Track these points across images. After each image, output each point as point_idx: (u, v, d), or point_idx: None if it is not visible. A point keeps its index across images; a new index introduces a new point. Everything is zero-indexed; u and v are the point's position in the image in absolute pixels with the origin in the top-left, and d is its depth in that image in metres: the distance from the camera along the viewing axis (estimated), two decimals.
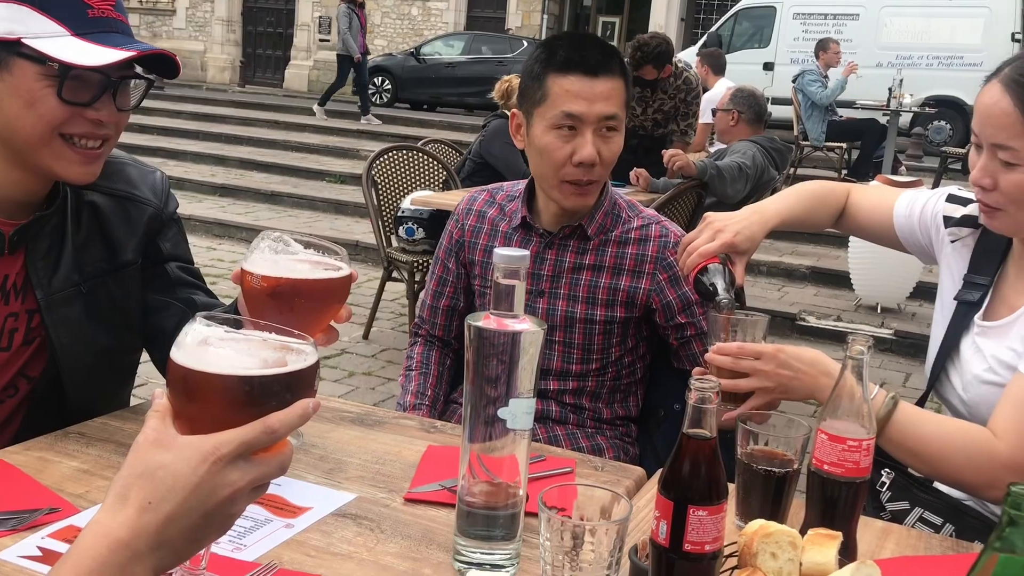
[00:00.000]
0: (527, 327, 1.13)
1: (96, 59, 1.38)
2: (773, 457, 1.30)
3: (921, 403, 1.81)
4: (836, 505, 1.23)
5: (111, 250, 1.62)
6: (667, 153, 4.93)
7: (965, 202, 1.76)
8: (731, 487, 1.25)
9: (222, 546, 1.21)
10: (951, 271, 1.76)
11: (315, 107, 15.00)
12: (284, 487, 1.39)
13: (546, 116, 1.86)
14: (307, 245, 1.35)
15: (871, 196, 1.93)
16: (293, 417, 0.85)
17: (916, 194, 1.87)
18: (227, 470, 0.82)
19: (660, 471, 1.06)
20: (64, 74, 1.39)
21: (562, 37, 1.94)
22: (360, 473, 1.46)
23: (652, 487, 1.44)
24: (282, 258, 1.31)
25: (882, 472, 1.68)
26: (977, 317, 1.67)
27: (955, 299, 1.72)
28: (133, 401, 1.78)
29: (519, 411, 1.14)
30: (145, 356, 1.75)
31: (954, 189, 1.83)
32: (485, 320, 1.13)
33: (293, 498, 1.36)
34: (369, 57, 15.63)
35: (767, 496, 1.30)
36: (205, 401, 0.86)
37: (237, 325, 0.91)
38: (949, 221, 1.76)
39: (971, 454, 1.44)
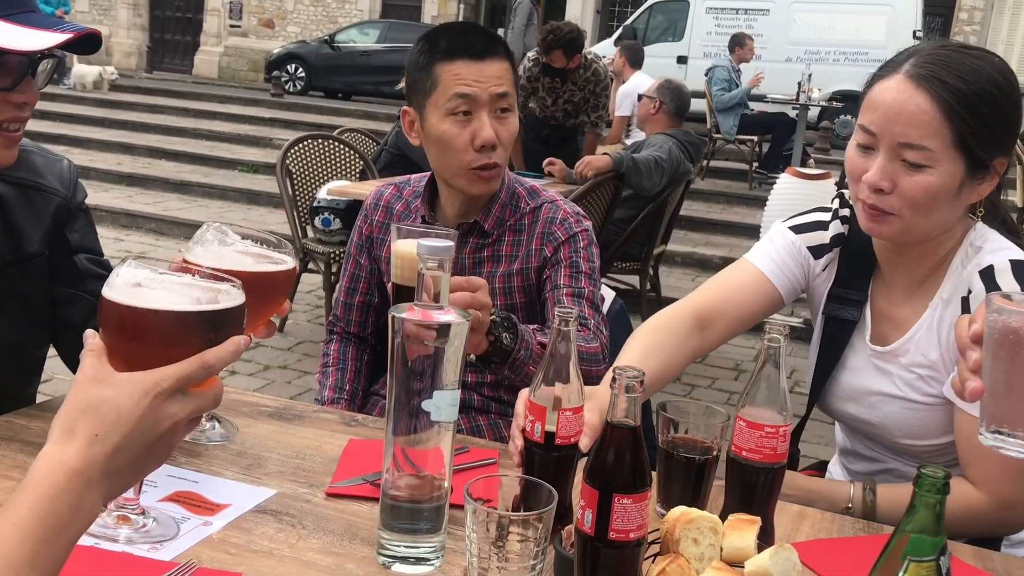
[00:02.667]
0: (452, 318, 1.12)
1: (32, 43, 1.32)
2: (693, 444, 1.33)
3: (805, 417, 1.83)
4: (754, 490, 1.25)
5: (15, 241, 1.56)
6: (578, 170, 4.96)
7: (824, 225, 1.72)
8: (652, 475, 1.27)
9: (138, 546, 1.18)
10: (821, 292, 1.73)
11: None
12: (201, 484, 1.35)
13: (439, 104, 1.85)
14: (244, 236, 1.32)
15: (717, 285, 1.76)
16: (227, 352, 0.91)
17: (760, 248, 1.77)
18: (167, 403, 0.87)
19: (584, 460, 1.06)
20: None
21: (442, 28, 1.94)
22: (280, 468, 1.44)
23: (575, 476, 1.45)
24: (228, 251, 1.29)
25: None
26: (868, 340, 1.64)
27: (823, 314, 1.71)
28: (39, 398, 1.72)
29: (443, 403, 1.13)
30: (52, 351, 1.69)
31: (789, 222, 1.76)
32: (410, 312, 1.12)
33: (211, 495, 1.33)
34: (281, 44, 15.37)
35: (688, 483, 1.32)
36: (141, 339, 0.90)
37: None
38: (821, 250, 1.71)
39: (959, 514, 1.40)
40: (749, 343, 5.84)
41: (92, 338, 0.91)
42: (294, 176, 5.23)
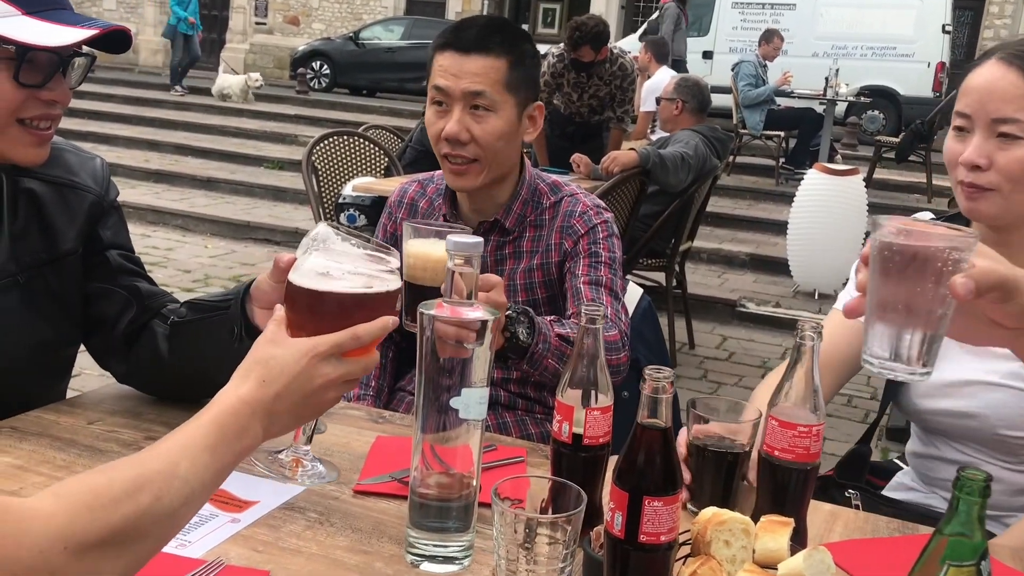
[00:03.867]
0: (482, 315, 1.11)
1: (56, 39, 1.32)
2: (723, 439, 1.31)
3: (878, 420, 1.84)
4: (787, 491, 1.23)
5: (50, 239, 1.56)
6: (603, 165, 4.93)
7: None
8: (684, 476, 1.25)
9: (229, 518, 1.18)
10: None
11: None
12: (229, 480, 1.34)
13: (428, 92, 1.91)
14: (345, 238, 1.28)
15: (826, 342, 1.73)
16: (375, 328, 1.08)
17: (842, 292, 1.74)
18: (321, 364, 1.04)
19: (615, 460, 1.05)
20: (22, 56, 1.33)
21: (462, 20, 1.96)
22: None
23: (605, 476, 1.43)
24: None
25: (848, 493, 1.69)
26: None
27: None
28: (69, 394, 1.73)
29: (472, 401, 1.12)
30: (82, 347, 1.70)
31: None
32: (438, 308, 1.11)
33: (239, 492, 1.33)
34: (306, 41, 15.50)
35: (718, 479, 1.30)
36: (310, 313, 1.09)
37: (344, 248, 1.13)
38: None
39: None
40: (775, 340, 5.80)
41: (278, 310, 1.11)
42: (319, 173, 5.24)
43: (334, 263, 1.10)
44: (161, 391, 1.64)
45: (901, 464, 1.86)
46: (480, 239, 1.16)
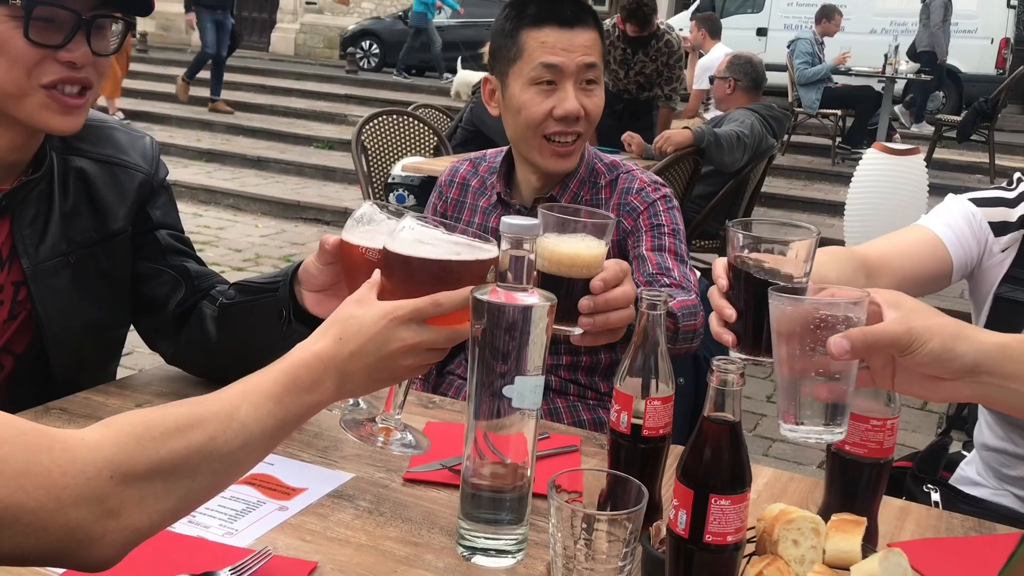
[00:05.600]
0: (537, 301, 1.07)
1: None
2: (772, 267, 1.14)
3: (961, 409, 1.76)
4: (858, 487, 1.17)
5: (100, 218, 1.55)
6: (657, 145, 4.84)
7: (1008, 202, 1.57)
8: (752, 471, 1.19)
9: (212, 530, 1.16)
10: (995, 273, 1.58)
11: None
12: (277, 466, 1.33)
13: (523, 73, 1.80)
14: (391, 215, 1.24)
15: (884, 240, 1.60)
16: (458, 297, 1.05)
17: (934, 214, 1.61)
18: (400, 328, 1.03)
19: (674, 451, 1.00)
20: (29, 11, 1.30)
21: None
22: (356, 452, 1.40)
23: (664, 469, 1.38)
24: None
25: (927, 488, 1.62)
26: None
27: (998, 294, 1.57)
28: (120, 372, 1.72)
29: (526, 390, 1.08)
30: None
31: (967, 194, 1.62)
32: (492, 294, 1.07)
33: (287, 478, 1.30)
34: (356, 21, 15.27)
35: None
36: (399, 278, 1.09)
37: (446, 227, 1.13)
38: (1005, 228, 1.56)
39: None
40: None
41: (376, 273, 1.10)
42: (369, 152, 5.22)
43: (430, 230, 1.09)
44: (209, 373, 1.62)
45: (964, 452, 1.77)
46: (536, 221, 1.11)
